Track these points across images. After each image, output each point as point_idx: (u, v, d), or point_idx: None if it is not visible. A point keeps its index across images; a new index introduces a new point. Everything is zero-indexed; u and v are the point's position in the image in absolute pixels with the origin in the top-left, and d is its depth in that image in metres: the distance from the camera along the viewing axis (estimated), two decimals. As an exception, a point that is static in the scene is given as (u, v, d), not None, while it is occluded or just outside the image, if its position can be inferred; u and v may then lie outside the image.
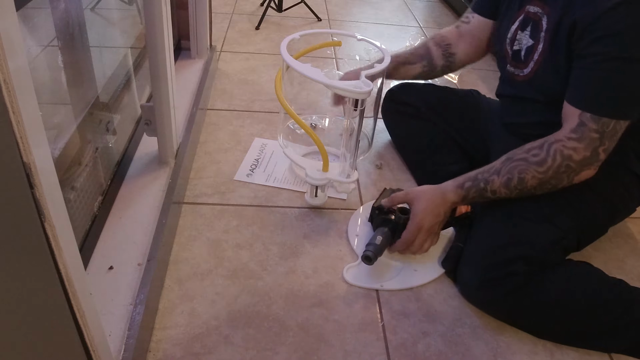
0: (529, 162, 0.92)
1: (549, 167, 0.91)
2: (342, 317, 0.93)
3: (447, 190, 0.99)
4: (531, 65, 1.01)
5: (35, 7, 0.77)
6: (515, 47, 1.05)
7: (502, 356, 0.90)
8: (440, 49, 1.26)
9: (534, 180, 0.92)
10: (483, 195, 0.96)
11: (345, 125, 1.12)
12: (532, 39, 1.01)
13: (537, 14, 1.00)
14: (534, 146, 0.93)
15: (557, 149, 0.90)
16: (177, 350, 0.84)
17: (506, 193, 0.95)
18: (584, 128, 0.88)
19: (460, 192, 0.98)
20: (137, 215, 1.00)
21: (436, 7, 2.75)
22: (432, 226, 0.99)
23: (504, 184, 0.94)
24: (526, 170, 0.92)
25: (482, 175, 0.97)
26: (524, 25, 1.03)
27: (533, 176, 0.92)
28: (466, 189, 0.98)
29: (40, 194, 0.46)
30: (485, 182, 0.96)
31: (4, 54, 0.39)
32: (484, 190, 0.96)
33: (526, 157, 0.93)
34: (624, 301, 0.92)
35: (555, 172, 0.91)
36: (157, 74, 1.04)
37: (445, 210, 1.00)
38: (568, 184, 0.93)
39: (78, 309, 0.55)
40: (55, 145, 0.82)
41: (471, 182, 0.98)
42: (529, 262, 0.90)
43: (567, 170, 0.91)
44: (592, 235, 1.05)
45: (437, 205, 0.99)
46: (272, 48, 2.00)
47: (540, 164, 0.91)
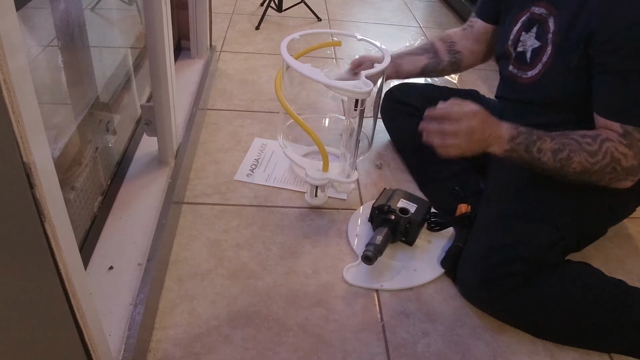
0: (582, 148, 0.91)
1: (598, 162, 0.90)
2: (342, 317, 0.93)
3: (501, 124, 0.96)
4: (539, 67, 1.00)
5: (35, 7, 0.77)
6: (520, 49, 1.05)
7: (502, 356, 0.90)
8: (444, 44, 1.27)
9: (579, 165, 0.91)
10: (529, 148, 0.93)
11: (345, 125, 1.12)
12: (538, 41, 1.00)
13: (542, 15, 0.99)
14: (588, 134, 0.92)
15: (609, 148, 0.89)
16: (177, 350, 0.84)
17: (549, 159, 0.92)
18: (632, 137, 0.88)
19: (512, 131, 0.94)
20: (137, 215, 1.00)
21: (436, 7, 2.75)
22: (469, 127, 0.93)
23: (553, 150, 0.92)
24: (578, 152, 0.91)
25: (538, 132, 0.94)
26: (528, 26, 1.03)
27: (580, 161, 0.91)
28: (518, 131, 0.94)
29: (40, 194, 0.46)
30: (538, 137, 0.93)
31: (4, 54, 0.39)
32: (533, 143, 0.93)
33: (580, 141, 0.91)
34: (623, 301, 0.92)
35: (601, 168, 0.90)
36: (157, 74, 1.04)
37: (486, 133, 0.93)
38: (605, 184, 0.94)
39: (78, 309, 0.55)
40: (55, 145, 0.82)
41: (525, 129, 0.95)
42: (528, 262, 0.90)
43: (613, 173, 0.91)
44: (592, 236, 1.05)
45: (486, 120, 0.94)
46: (272, 48, 2.00)
47: (592, 155, 0.90)
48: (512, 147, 0.95)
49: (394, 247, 1.08)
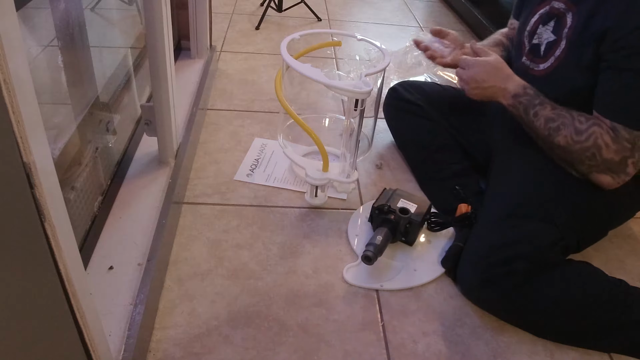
0: (573, 124, 0.93)
1: (580, 142, 0.92)
2: (342, 317, 0.93)
3: (514, 78, 1.01)
4: (551, 60, 1.01)
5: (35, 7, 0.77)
6: (535, 41, 1.05)
7: (502, 356, 0.90)
8: (508, 41, 1.28)
9: (564, 139, 0.94)
10: (527, 110, 0.98)
11: (345, 125, 1.12)
12: (554, 35, 1.01)
13: (560, 10, 1.00)
14: (584, 115, 0.94)
15: (595, 132, 0.91)
16: (177, 350, 0.84)
17: (540, 125, 0.97)
18: (619, 133, 0.89)
19: (519, 89, 0.99)
20: (137, 215, 1.00)
21: (436, 7, 2.75)
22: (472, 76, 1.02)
23: (547, 117, 0.95)
24: (567, 126, 0.94)
25: (544, 97, 0.98)
26: (546, 19, 1.03)
27: (566, 135, 0.93)
28: (526, 91, 0.99)
29: (40, 194, 0.46)
30: (540, 102, 0.97)
31: (4, 54, 0.39)
32: (533, 106, 0.98)
33: (574, 117, 0.94)
34: (624, 301, 0.92)
35: (582, 149, 0.92)
36: (157, 74, 1.04)
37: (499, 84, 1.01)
38: (586, 172, 0.95)
39: (78, 309, 0.55)
40: (55, 145, 0.82)
41: (533, 91, 0.99)
42: (528, 261, 0.90)
43: (592, 159, 0.92)
44: (592, 237, 1.05)
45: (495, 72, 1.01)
46: (272, 48, 2.00)
47: (578, 133, 0.92)
48: (514, 103, 1.00)
49: (394, 247, 1.08)
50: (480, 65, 1.03)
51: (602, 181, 0.94)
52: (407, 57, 1.94)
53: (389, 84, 1.55)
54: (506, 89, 1.01)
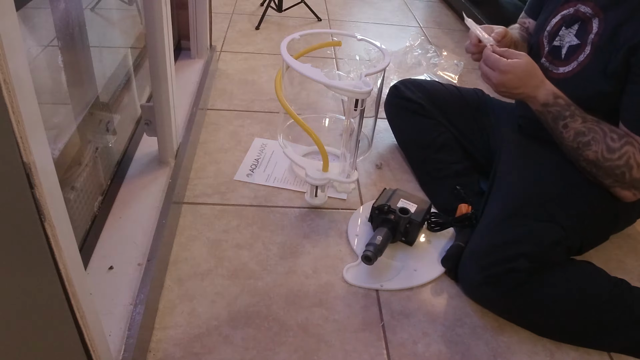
0: (605, 138, 0.92)
1: (612, 160, 0.91)
2: (342, 317, 0.93)
3: (546, 84, 0.97)
4: (574, 64, 0.99)
5: (35, 7, 0.77)
6: (556, 43, 1.04)
7: (502, 356, 0.90)
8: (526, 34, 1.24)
9: (594, 155, 0.92)
10: (557, 120, 0.95)
11: (345, 125, 1.12)
12: (577, 39, 0.99)
13: (587, 15, 0.98)
14: (616, 131, 0.92)
15: (628, 151, 0.90)
16: (177, 350, 0.84)
17: (569, 137, 0.94)
18: None
19: (550, 98, 0.96)
20: (137, 215, 1.00)
21: (436, 7, 2.75)
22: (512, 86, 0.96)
23: (576, 131, 0.93)
24: (597, 142, 0.92)
25: (575, 108, 0.95)
26: (569, 22, 1.02)
27: (597, 151, 0.92)
28: (556, 100, 0.95)
29: (40, 194, 0.46)
30: (571, 114, 0.94)
31: (4, 54, 0.39)
32: (563, 117, 0.95)
33: (607, 133, 0.92)
34: (624, 301, 0.92)
35: (612, 167, 0.91)
36: (157, 74, 1.04)
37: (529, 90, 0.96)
38: (608, 185, 0.94)
39: (78, 309, 0.55)
40: (55, 145, 0.82)
41: (564, 101, 0.95)
42: (530, 259, 0.90)
43: (620, 176, 0.91)
44: (594, 239, 1.05)
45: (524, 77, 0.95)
46: (272, 48, 2.00)
47: (611, 151, 0.91)
48: (542, 110, 0.97)
49: (394, 247, 1.08)
50: (512, 72, 0.96)
51: (623, 195, 0.95)
52: (407, 57, 1.94)
53: (389, 84, 1.55)
54: (536, 97, 0.97)
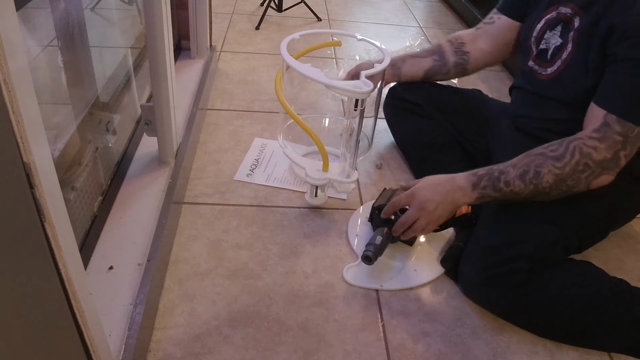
0: (547, 157, 0.91)
1: (567, 163, 0.89)
2: (342, 317, 0.93)
3: (457, 175, 0.96)
4: (558, 63, 1.01)
5: (35, 7, 0.77)
6: (542, 46, 1.05)
7: (502, 356, 0.90)
8: (452, 45, 1.26)
9: (549, 176, 0.90)
10: (496, 185, 0.93)
11: (345, 125, 1.12)
12: (561, 39, 1.01)
13: (567, 15, 1.00)
14: (553, 143, 0.92)
15: (576, 146, 0.89)
16: (177, 350, 0.84)
17: (520, 187, 0.92)
18: (608, 129, 0.88)
19: (472, 177, 0.95)
20: (137, 215, 1.00)
21: (436, 7, 2.75)
22: (427, 200, 0.94)
23: (519, 176, 0.92)
24: (543, 164, 0.90)
25: (498, 166, 0.94)
26: (553, 25, 1.03)
27: (549, 170, 0.90)
28: (478, 175, 0.95)
29: (40, 194, 0.46)
30: (499, 172, 0.93)
31: (4, 54, 0.39)
32: (497, 179, 0.93)
33: (544, 152, 0.92)
34: (624, 301, 0.92)
35: (572, 169, 0.90)
36: (157, 74, 1.04)
37: (450, 191, 0.94)
38: (585, 187, 0.92)
39: (78, 309, 0.55)
40: (55, 145, 0.82)
41: (485, 170, 0.95)
42: (530, 260, 0.90)
43: (585, 170, 0.90)
44: (592, 238, 1.05)
45: (442, 183, 0.95)
46: (272, 48, 2.00)
47: (558, 159, 0.90)
48: (480, 193, 0.94)
49: (394, 247, 1.08)
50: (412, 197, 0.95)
51: (602, 182, 0.94)
52: (407, 57, 1.94)
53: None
54: (463, 187, 0.94)
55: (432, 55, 1.26)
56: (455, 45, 1.26)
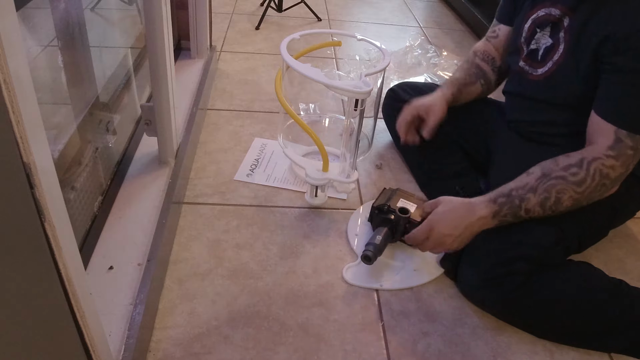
0: (568, 182, 0.89)
1: (587, 187, 0.89)
2: (342, 317, 0.93)
3: (476, 203, 0.93)
4: (549, 64, 1.00)
5: (35, 7, 0.77)
6: (533, 46, 1.05)
7: (502, 356, 0.90)
8: (488, 64, 1.23)
9: (570, 201, 0.90)
10: (516, 213, 0.91)
11: (345, 125, 1.12)
12: (551, 39, 1.00)
13: (556, 16, 0.99)
14: (571, 163, 0.90)
15: (596, 169, 0.88)
16: (177, 350, 0.84)
17: (539, 212, 0.91)
18: (621, 145, 0.87)
19: (492, 206, 0.92)
20: (137, 215, 1.00)
21: (436, 7, 2.75)
22: (444, 235, 0.92)
23: (539, 203, 0.90)
24: (565, 190, 0.89)
25: (517, 192, 0.91)
26: (542, 25, 1.03)
27: (570, 196, 0.89)
28: (499, 204, 0.92)
29: (40, 194, 0.46)
30: (520, 200, 0.91)
31: (4, 54, 0.39)
32: (518, 208, 0.91)
33: (564, 175, 0.89)
34: (624, 301, 0.92)
35: (591, 191, 0.89)
36: (157, 74, 1.04)
37: (468, 225, 0.92)
38: (600, 198, 0.92)
39: (78, 309, 0.55)
40: (55, 145, 0.82)
41: (505, 197, 0.92)
42: (529, 261, 0.90)
43: (602, 189, 0.90)
44: (592, 238, 1.05)
45: (460, 215, 0.93)
46: (272, 48, 2.00)
47: (580, 184, 0.89)
48: (500, 220, 0.93)
49: (394, 247, 1.08)
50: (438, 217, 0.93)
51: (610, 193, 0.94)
52: (407, 57, 1.94)
53: (389, 84, 1.55)
54: (483, 216, 0.92)
55: (478, 80, 1.22)
56: (490, 62, 1.22)
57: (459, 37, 2.34)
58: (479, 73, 1.23)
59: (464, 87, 1.22)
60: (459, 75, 1.24)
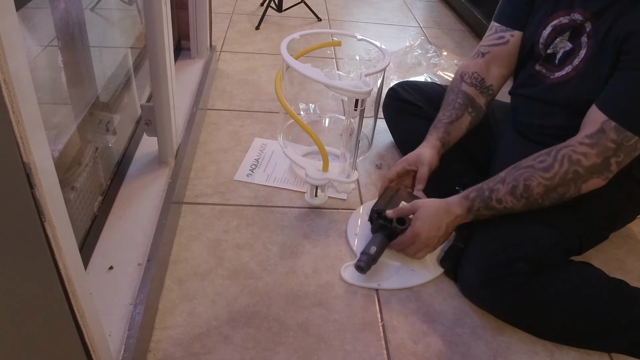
0: (535, 169, 0.90)
1: (556, 173, 0.89)
2: (342, 317, 0.93)
3: (451, 203, 0.97)
4: (568, 69, 0.99)
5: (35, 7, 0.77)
6: (550, 51, 1.03)
7: (502, 356, 0.90)
8: (476, 88, 1.17)
9: (539, 187, 0.90)
10: (488, 205, 0.94)
11: (345, 125, 1.12)
12: (571, 43, 0.99)
13: (577, 22, 0.97)
14: (541, 153, 0.92)
15: (565, 154, 0.89)
16: (177, 350, 0.84)
17: (512, 202, 0.92)
18: (602, 135, 0.87)
19: (465, 202, 0.96)
20: (137, 215, 1.00)
21: (436, 7, 2.75)
22: (430, 238, 0.97)
23: (509, 192, 0.92)
24: (532, 177, 0.90)
25: (487, 184, 0.95)
26: (562, 31, 1.01)
27: (539, 183, 0.90)
28: (471, 199, 0.96)
29: (40, 194, 0.46)
30: (490, 191, 0.94)
31: (4, 54, 0.39)
32: (488, 199, 0.94)
33: (532, 164, 0.91)
34: (624, 301, 0.92)
35: (562, 178, 0.89)
36: (157, 74, 1.04)
37: (448, 224, 0.97)
38: (576, 192, 0.91)
39: (78, 309, 0.55)
40: (55, 145, 0.82)
41: (476, 192, 0.96)
42: (530, 262, 0.90)
43: (575, 177, 0.89)
44: (593, 240, 1.05)
45: (440, 216, 0.96)
46: (272, 48, 2.00)
47: (547, 169, 0.90)
48: (475, 214, 0.96)
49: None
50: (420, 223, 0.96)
51: (592, 186, 0.92)
52: (407, 57, 1.94)
53: (389, 84, 1.55)
54: (459, 215, 0.96)
55: (466, 110, 1.16)
56: (478, 85, 1.17)
57: (459, 37, 2.34)
58: (466, 102, 1.16)
59: (451, 127, 1.16)
60: (442, 115, 1.18)
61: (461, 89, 1.17)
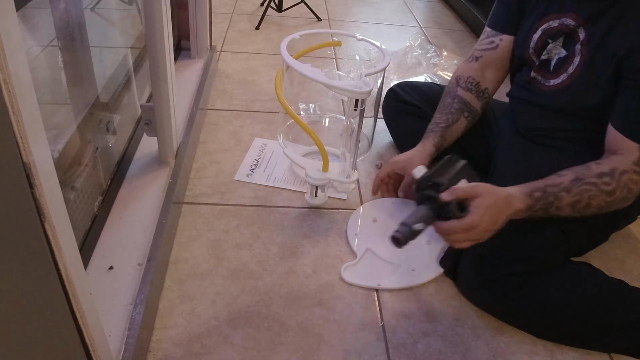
0: (600, 190, 0.88)
1: (616, 198, 0.89)
2: (342, 317, 0.93)
3: (514, 196, 0.89)
4: (563, 76, 0.98)
5: (35, 7, 0.77)
6: (544, 57, 1.03)
7: (502, 356, 0.90)
8: (472, 93, 1.17)
9: (597, 208, 0.90)
10: (548, 209, 0.89)
11: (345, 125, 1.12)
12: (565, 50, 0.98)
13: (570, 27, 0.97)
14: (604, 172, 0.89)
15: (626, 181, 0.88)
16: (177, 350, 0.84)
17: (567, 213, 0.90)
18: None
19: (529, 200, 0.89)
20: (137, 215, 1.00)
21: (436, 7, 2.75)
22: (485, 231, 0.87)
23: (571, 204, 0.89)
24: (596, 197, 0.89)
25: (552, 189, 0.89)
26: (554, 35, 1.00)
27: (599, 204, 0.89)
28: (535, 198, 0.89)
29: (40, 194, 0.46)
30: (555, 197, 0.89)
31: (4, 54, 0.39)
32: (551, 204, 0.90)
33: (597, 182, 0.89)
34: (624, 301, 0.92)
35: (617, 201, 0.89)
36: (157, 74, 1.04)
37: (505, 219, 0.88)
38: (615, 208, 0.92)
39: (78, 309, 0.55)
40: (55, 145, 0.82)
41: (541, 192, 0.89)
42: (530, 263, 0.90)
43: (624, 202, 0.90)
44: (593, 241, 1.05)
45: (500, 209, 0.88)
46: (272, 48, 2.00)
47: (610, 194, 0.88)
48: (530, 214, 0.91)
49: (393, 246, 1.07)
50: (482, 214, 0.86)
51: None
52: (407, 57, 1.94)
53: (389, 84, 1.55)
54: (518, 210, 0.89)
55: (462, 114, 1.17)
56: (473, 90, 1.17)
57: (459, 37, 2.34)
58: (462, 107, 1.16)
59: (447, 131, 1.15)
60: (439, 118, 1.17)
61: (457, 94, 1.17)
